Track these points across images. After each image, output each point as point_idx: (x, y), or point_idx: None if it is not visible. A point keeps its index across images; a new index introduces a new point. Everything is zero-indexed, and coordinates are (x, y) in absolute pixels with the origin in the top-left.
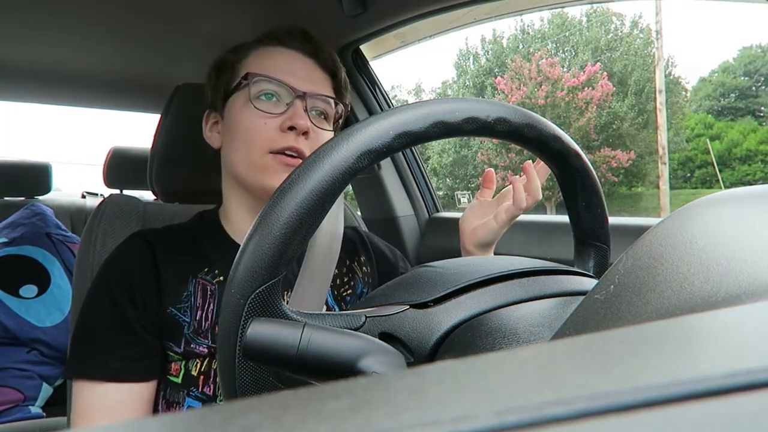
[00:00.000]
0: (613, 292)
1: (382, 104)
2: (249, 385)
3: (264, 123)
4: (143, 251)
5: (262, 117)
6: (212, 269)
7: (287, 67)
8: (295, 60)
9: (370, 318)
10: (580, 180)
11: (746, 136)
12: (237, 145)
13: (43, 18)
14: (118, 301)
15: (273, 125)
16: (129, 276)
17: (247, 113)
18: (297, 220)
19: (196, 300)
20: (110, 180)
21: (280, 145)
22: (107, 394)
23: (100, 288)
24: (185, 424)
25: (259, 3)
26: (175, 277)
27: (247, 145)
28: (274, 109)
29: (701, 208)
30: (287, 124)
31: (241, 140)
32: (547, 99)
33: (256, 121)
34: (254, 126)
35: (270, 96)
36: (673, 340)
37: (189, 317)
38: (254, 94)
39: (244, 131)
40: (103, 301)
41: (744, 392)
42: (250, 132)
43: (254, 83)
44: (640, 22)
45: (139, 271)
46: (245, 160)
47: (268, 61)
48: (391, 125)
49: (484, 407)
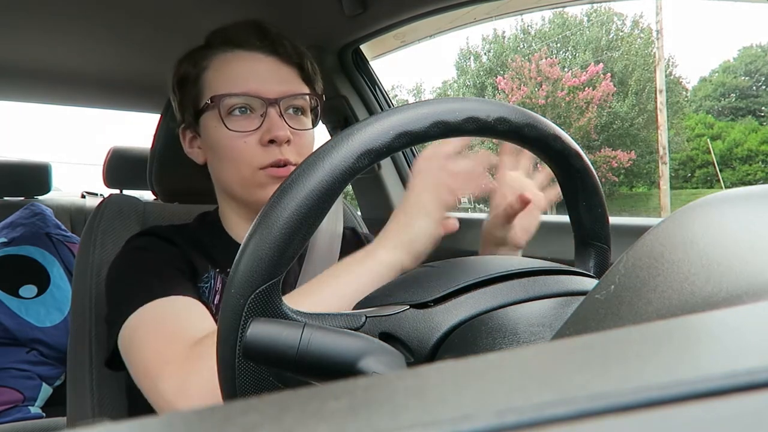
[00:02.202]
0: (613, 292)
1: (382, 104)
2: (249, 385)
3: (243, 142)
4: (169, 245)
5: (239, 137)
6: (224, 269)
7: (251, 74)
8: (256, 63)
9: (370, 318)
10: (581, 180)
11: (747, 135)
12: (225, 166)
13: (43, 18)
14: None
15: (253, 142)
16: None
17: (224, 134)
18: (297, 220)
19: (215, 284)
20: (110, 180)
21: (267, 161)
22: (165, 306)
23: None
24: (185, 424)
25: (259, 3)
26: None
27: (234, 165)
28: (248, 126)
29: (702, 208)
30: (266, 138)
31: (226, 161)
32: (547, 99)
33: (235, 141)
34: (236, 147)
35: (243, 110)
36: (674, 340)
37: (209, 299)
38: (225, 113)
39: (228, 152)
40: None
41: (744, 392)
42: (233, 153)
43: (222, 102)
44: (640, 22)
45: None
46: (237, 178)
47: (229, 70)
48: (391, 125)
49: (484, 407)
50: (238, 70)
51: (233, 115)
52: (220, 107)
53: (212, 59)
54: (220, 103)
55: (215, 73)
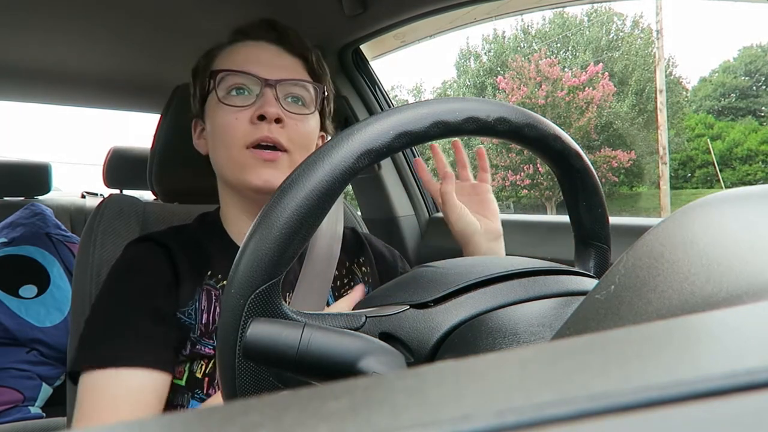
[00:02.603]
0: (613, 292)
1: (382, 104)
2: (249, 385)
3: (235, 118)
4: (163, 256)
5: (233, 112)
6: (216, 274)
7: (252, 58)
8: (259, 49)
9: (370, 318)
10: (581, 180)
11: (747, 136)
12: (217, 146)
13: (44, 18)
14: (147, 285)
15: (244, 118)
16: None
17: (220, 112)
18: (297, 220)
19: (201, 304)
20: (110, 180)
21: (254, 136)
22: (121, 382)
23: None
24: (185, 424)
25: (260, 3)
26: (186, 283)
27: (225, 143)
28: (243, 102)
29: (702, 208)
30: (257, 113)
31: (219, 140)
32: (547, 99)
33: (228, 117)
34: (227, 123)
35: (240, 90)
36: (674, 340)
37: (195, 320)
38: (223, 91)
39: (220, 130)
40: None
41: (744, 392)
42: (225, 129)
43: (220, 80)
44: (640, 22)
45: (162, 276)
46: (226, 159)
47: (234, 56)
48: (391, 125)
49: (484, 407)
50: (241, 54)
51: (230, 94)
52: (218, 85)
53: (222, 49)
54: (219, 78)
55: (221, 59)
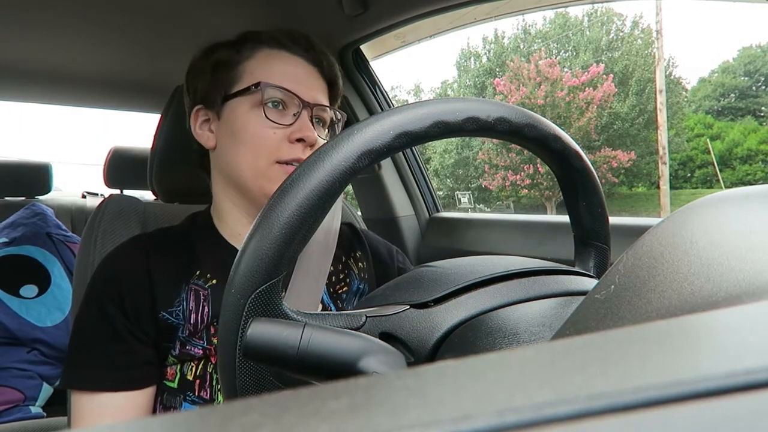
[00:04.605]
0: (613, 292)
1: (382, 104)
2: (249, 384)
3: (273, 132)
4: (136, 258)
5: (271, 126)
6: (204, 273)
7: (294, 76)
8: (300, 68)
9: (370, 318)
10: (581, 180)
11: (747, 136)
12: (242, 151)
13: (44, 18)
14: (108, 312)
15: (281, 135)
16: (119, 285)
17: (255, 120)
18: (297, 219)
19: (188, 304)
20: (110, 180)
21: (288, 156)
22: (103, 404)
23: (90, 298)
24: (185, 424)
25: (260, 3)
26: (168, 283)
27: (254, 152)
28: (282, 120)
29: (702, 208)
30: (296, 136)
31: (247, 147)
32: (546, 99)
33: (265, 129)
34: (262, 134)
35: (276, 104)
36: (674, 340)
37: (182, 320)
38: (264, 101)
39: (251, 138)
40: (92, 311)
41: (744, 392)
42: (258, 139)
43: (266, 90)
44: (640, 23)
45: (131, 280)
46: (251, 166)
47: (274, 66)
48: (391, 125)
49: (484, 407)
50: (283, 67)
51: (268, 106)
52: (264, 94)
53: (258, 51)
54: (264, 90)
55: (259, 63)
